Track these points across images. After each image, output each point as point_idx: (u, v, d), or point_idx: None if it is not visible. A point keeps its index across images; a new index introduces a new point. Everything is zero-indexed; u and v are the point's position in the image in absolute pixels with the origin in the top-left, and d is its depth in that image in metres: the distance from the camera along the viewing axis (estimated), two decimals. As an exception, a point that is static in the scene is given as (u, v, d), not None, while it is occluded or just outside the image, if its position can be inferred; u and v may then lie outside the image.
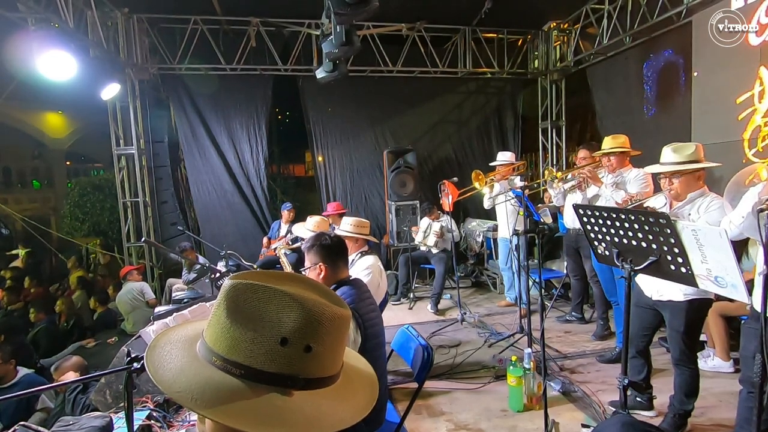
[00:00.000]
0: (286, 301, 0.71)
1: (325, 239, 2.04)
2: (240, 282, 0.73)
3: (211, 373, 0.70)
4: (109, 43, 5.45)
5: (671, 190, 2.50)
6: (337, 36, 4.15)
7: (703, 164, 2.48)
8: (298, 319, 0.70)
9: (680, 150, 2.48)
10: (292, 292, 0.72)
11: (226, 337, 0.70)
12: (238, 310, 0.71)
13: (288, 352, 0.69)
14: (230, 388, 0.68)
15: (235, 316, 0.71)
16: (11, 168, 20.70)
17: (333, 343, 0.75)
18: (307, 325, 0.70)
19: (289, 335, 0.69)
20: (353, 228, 3.13)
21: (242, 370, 0.69)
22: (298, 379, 0.70)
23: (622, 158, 3.57)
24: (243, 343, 0.69)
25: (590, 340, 4.14)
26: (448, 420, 2.95)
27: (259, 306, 0.71)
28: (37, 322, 5.87)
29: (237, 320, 0.70)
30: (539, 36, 7.12)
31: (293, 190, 12.79)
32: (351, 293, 1.94)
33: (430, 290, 5.59)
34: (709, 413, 2.81)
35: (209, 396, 0.68)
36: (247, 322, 0.70)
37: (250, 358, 0.69)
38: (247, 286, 0.72)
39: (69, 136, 20.05)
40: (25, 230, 11.14)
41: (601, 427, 1.12)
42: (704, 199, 2.44)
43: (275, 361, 0.69)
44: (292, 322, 0.70)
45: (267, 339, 0.69)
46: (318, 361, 0.72)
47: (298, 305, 0.71)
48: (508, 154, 5.11)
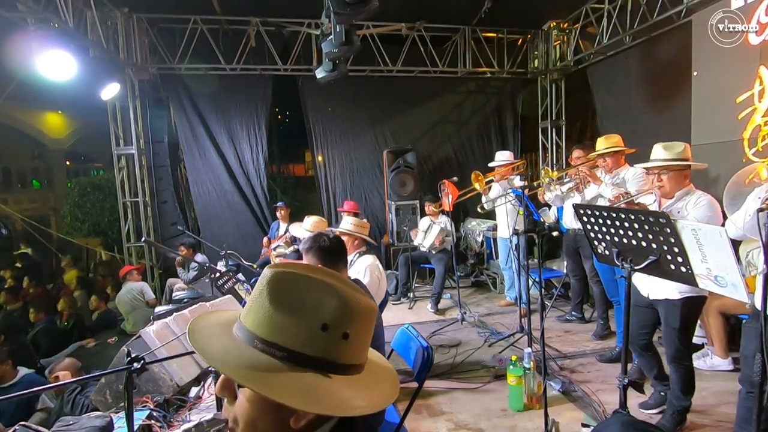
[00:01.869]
0: (326, 289, 0.75)
1: (324, 240, 2.02)
2: (282, 270, 0.77)
3: (255, 355, 0.73)
4: (109, 43, 5.45)
5: (660, 187, 2.57)
6: (336, 36, 4.14)
7: (691, 163, 2.58)
8: (338, 307, 0.74)
9: (670, 148, 2.57)
10: (330, 282, 0.76)
11: (269, 322, 0.74)
12: (281, 296, 0.75)
13: (328, 338, 0.73)
14: (274, 367, 0.72)
15: (278, 302, 0.74)
16: (11, 168, 20.69)
17: (365, 332, 0.80)
18: (345, 313, 0.75)
19: (329, 321, 0.73)
20: (353, 227, 3.14)
21: (285, 352, 0.72)
22: (336, 364, 0.74)
23: (617, 158, 3.58)
24: (285, 327, 0.73)
25: (590, 340, 4.14)
26: (448, 420, 2.95)
27: (301, 293, 0.75)
28: (37, 322, 5.87)
29: (279, 306, 0.74)
30: (539, 35, 7.12)
31: (293, 190, 12.80)
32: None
33: (430, 290, 5.59)
34: (709, 411, 2.82)
35: (256, 373, 0.71)
36: (289, 308, 0.74)
37: (292, 341, 0.72)
38: (289, 274, 0.77)
39: (69, 136, 20.06)
40: (25, 230, 11.15)
41: (601, 427, 1.12)
42: (692, 196, 2.52)
43: (316, 345, 0.73)
44: (332, 310, 0.74)
45: (309, 324, 0.73)
46: (353, 348, 0.77)
47: (337, 294, 0.75)
48: (506, 154, 5.12)
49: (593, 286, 4.21)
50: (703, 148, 4.14)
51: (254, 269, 4.07)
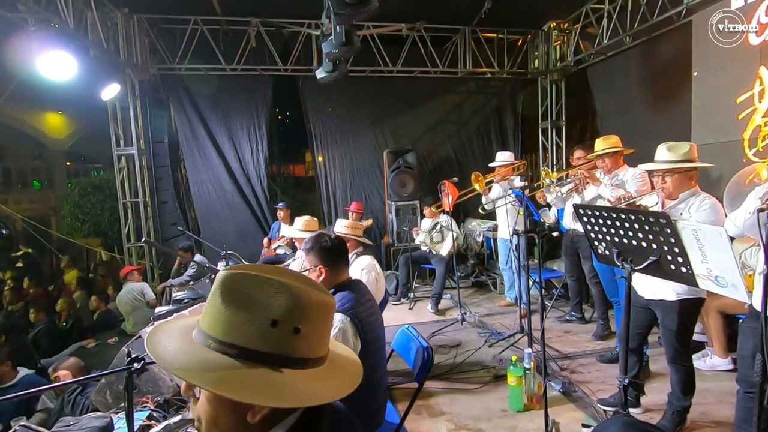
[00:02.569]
0: (275, 286, 0.78)
1: (325, 241, 2.02)
2: (233, 271, 0.80)
3: (207, 355, 0.76)
4: (109, 43, 5.45)
5: (663, 189, 2.53)
6: (337, 36, 4.14)
7: (697, 164, 2.50)
8: (287, 303, 0.77)
9: (675, 149, 2.50)
10: (280, 279, 0.79)
11: (221, 322, 0.77)
12: (232, 296, 0.77)
13: (278, 333, 0.76)
14: (226, 365, 0.74)
15: (229, 301, 0.77)
16: (11, 168, 20.68)
17: (319, 326, 0.82)
18: (295, 309, 0.77)
19: (279, 317, 0.76)
20: (345, 229, 3.13)
21: (237, 350, 0.75)
22: (288, 358, 0.76)
23: (615, 158, 3.57)
24: (237, 325, 0.76)
25: (590, 340, 4.13)
26: (448, 420, 2.95)
27: (251, 292, 0.77)
28: (37, 323, 5.88)
29: (231, 305, 0.77)
30: (539, 36, 7.12)
31: (293, 190, 12.80)
32: (350, 298, 1.92)
33: (431, 290, 5.59)
34: (709, 411, 2.81)
35: (207, 373, 0.74)
36: (240, 306, 0.76)
37: (243, 338, 0.75)
38: (240, 275, 0.79)
39: (69, 136, 20.05)
40: (25, 230, 11.15)
41: (601, 427, 1.12)
42: (696, 198, 2.46)
43: (267, 341, 0.75)
44: (281, 306, 0.76)
45: (259, 321, 0.75)
46: (307, 343, 0.79)
47: (286, 290, 0.77)
48: (506, 154, 5.12)
49: (591, 288, 4.21)
50: (704, 149, 4.10)
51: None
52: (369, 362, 1.88)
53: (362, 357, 1.83)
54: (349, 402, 1.86)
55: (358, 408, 1.87)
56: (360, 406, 1.89)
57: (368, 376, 1.88)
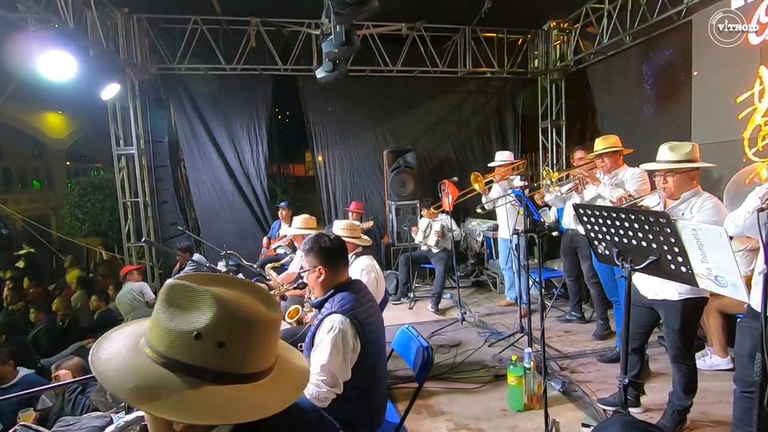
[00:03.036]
0: (207, 300, 0.78)
1: (324, 241, 2.00)
2: (175, 282, 0.82)
3: (139, 360, 0.78)
4: (109, 43, 5.45)
5: (665, 189, 2.52)
6: (337, 36, 4.14)
7: (699, 164, 2.50)
8: (214, 317, 0.77)
9: (677, 149, 2.50)
10: (214, 292, 0.79)
11: (158, 329, 0.79)
12: (169, 305, 0.80)
13: (200, 346, 0.76)
14: (152, 372, 0.76)
15: (166, 310, 0.79)
16: (11, 168, 20.68)
17: (252, 342, 0.81)
18: (222, 324, 0.77)
19: (202, 330, 0.76)
20: (342, 231, 3.12)
21: (163, 358, 0.77)
22: (209, 371, 0.76)
23: (615, 158, 3.57)
24: (166, 334, 0.78)
25: (590, 340, 4.13)
26: (449, 420, 2.95)
27: (185, 302, 0.79)
28: (37, 322, 5.88)
29: (166, 314, 0.79)
30: (539, 35, 7.12)
31: (293, 190, 12.82)
32: (350, 299, 1.90)
33: (431, 290, 5.59)
34: (709, 411, 2.81)
35: (129, 378, 0.76)
36: (172, 315, 0.78)
37: (169, 348, 0.77)
38: (180, 285, 0.81)
39: (69, 136, 20.06)
40: (25, 230, 11.15)
41: (601, 427, 1.13)
42: (698, 198, 2.45)
43: (189, 353, 0.76)
44: (207, 319, 0.77)
45: (184, 332, 0.77)
46: (232, 358, 0.78)
47: (217, 304, 0.78)
48: (506, 154, 5.11)
49: (590, 288, 4.20)
50: (704, 148, 4.08)
51: (254, 269, 4.07)
52: (369, 362, 1.88)
53: (362, 357, 1.85)
54: (349, 402, 1.87)
55: (359, 408, 1.88)
56: (360, 406, 1.90)
57: (368, 376, 1.89)
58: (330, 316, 1.83)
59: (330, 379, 1.75)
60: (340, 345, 1.77)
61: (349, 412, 1.82)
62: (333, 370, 1.76)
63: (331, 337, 1.77)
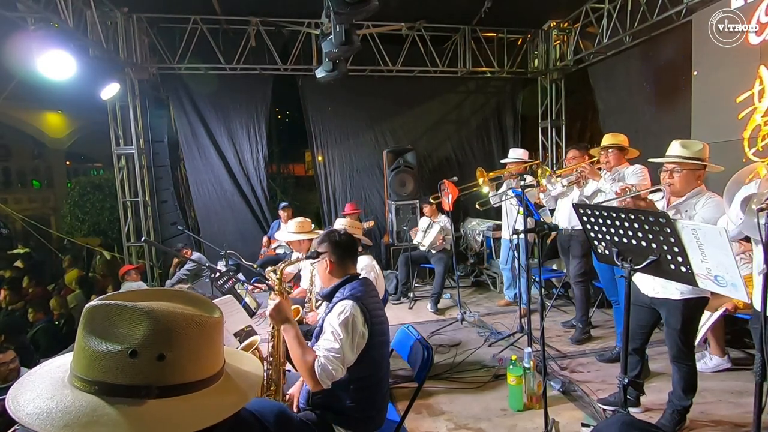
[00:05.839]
0: (135, 314, 0.74)
1: (335, 235, 2.07)
2: (95, 304, 0.77)
3: (66, 395, 0.73)
4: (109, 42, 5.45)
5: (670, 185, 2.51)
6: (336, 35, 4.14)
7: (707, 164, 2.50)
8: (147, 329, 0.73)
9: (689, 146, 2.51)
10: (141, 306, 0.75)
11: (83, 357, 0.74)
12: (92, 329, 0.74)
13: (138, 363, 0.72)
14: (83, 404, 0.71)
15: (90, 335, 0.74)
16: (11, 167, 20.66)
17: (193, 348, 0.78)
18: (158, 335, 0.74)
19: (138, 347, 0.72)
20: (347, 229, 3.12)
21: (96, 386, 0.72)
22: (152, 388, 0.73)
23: (619, 156, 3.56)
24: (96, 360, 0.72)
25: (590, 340, 4.13)
26: (448, 419, 2.95)
27: (111, 323, 0.74)
28: (36, 322, 5.87)
29: (91, 339, 0.74)
30: (539, 35, 7.12)
31: (293, 190, 12.83)
32: (360, 288, 1.95)
33: (430, 290, 5.58)
34: (708, 411, 2.82)
35: (59, 416, 0.70)
36: (99, 339, 0.73)
37: (103, 373, 0.72)
38: (101, 306, 0.76)
39: (69, 135, 20.02)
40: (25, 230, 11.15)
41: (601, 427, 1.13)
42: (701, 197, 2.46)
43: (127, 373, 0.72)
44: (140, 334, 0.73)
45: (117, 353, 0.72)
46: (174, 368, 0.75)
47: (147, 317, 0.74)
48: (520, 152, 4.89)
49: (574, 287, 4.14)
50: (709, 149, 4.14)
51: (254, 269, 4.07)
52: (374, 356, 1.89)
53: (366, 351, 1.85)
54: (349, 401, 1.87)
55: (361, 403, 1.88)
56: (362, 402, 1.90)
57: (372, 371, 1.89)
58: (342, 301, 1.87)
59: (339, 355, 1.78)
60: (350, 327, 1.81)
61: (351, 406, 1.85)
62: (343, 348, 1.78)
63: (342, 319, 1.81)
